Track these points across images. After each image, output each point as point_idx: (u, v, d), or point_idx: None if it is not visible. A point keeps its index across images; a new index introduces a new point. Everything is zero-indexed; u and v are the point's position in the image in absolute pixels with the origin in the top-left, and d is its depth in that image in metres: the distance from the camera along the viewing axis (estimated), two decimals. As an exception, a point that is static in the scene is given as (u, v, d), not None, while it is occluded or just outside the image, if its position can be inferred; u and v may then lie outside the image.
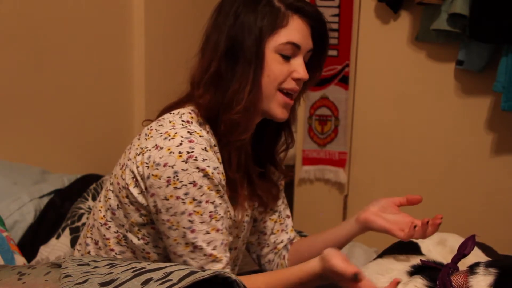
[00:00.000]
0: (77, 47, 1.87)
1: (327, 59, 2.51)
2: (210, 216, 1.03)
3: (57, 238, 1.43)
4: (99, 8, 1.97)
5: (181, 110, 1.10)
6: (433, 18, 2.23)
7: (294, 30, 1.10)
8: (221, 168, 1.05)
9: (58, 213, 1.52)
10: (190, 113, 1.09)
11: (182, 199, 1.00)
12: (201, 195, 1.01)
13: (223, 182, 1.07)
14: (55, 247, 1.41)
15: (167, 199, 1.00)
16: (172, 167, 0.99)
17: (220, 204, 1.05)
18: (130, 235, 1.11)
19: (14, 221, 1.42)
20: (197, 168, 1.00)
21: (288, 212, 1.36)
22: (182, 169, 0.99)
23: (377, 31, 2.48)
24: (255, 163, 1.23)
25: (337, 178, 2.65)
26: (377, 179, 2.58)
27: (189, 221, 1.01)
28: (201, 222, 1.02)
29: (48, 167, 1.70)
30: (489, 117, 2.33)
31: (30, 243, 1.43)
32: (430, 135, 2.45)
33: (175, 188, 1.00)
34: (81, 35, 1.89)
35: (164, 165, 1.00)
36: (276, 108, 1.13)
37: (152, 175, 1.01)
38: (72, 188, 1.61)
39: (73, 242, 1.42)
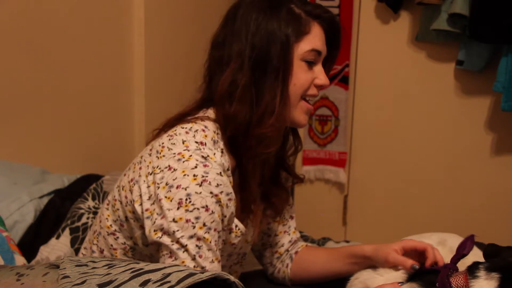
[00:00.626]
0: (77, 47, 1.87)
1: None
2: (215, 245, 1.00)
3: (57, 238, 1.43)
4: (99, 8, 1.97)
5: (194, 127, 1.05)
6: (433, 18, 2.22)
7: (316, 37, 1.10)
8: (233, 195, 1.03)
9: (58, 213, 1.51)
10: (203, 130, 1.04)
11: (192, 223, 0.96)
12: (212, 222, 0.98)
13: (233, 209, 1.04)
14: (55, 247, 1.41)
15: (176, 222, 0.96)
16: (185, 189, 0.96)
17: (221, 234, 1.03)
18: (137, 248, 1.10)
19: (14, 221, 1.42)
20: (211, 193, 0.97)
21: (292, 213, 1.35)
22: (196, 192, 0.96)
23: (377, 31, 2.48)
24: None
25: (337, 178, 2.65)
26: (377, 179, 2.58)
27: (197, 246, 0.97)
28: (208, 250, 0.98)
29: (48, 167, 1.70)
30: (489, 117, 2.32)
31: (30, 243, 1.43)
32: (430, 135, 2.45)
33: (187, 210, 0.96)
34: (81, 35, 1.89)
35: (177, 187, 0.96)
36: (300, 115, 1.13)
37: (165, 197, 0.97)
38: (72, 188, 1.61)
39: (73, 242, 1.42)
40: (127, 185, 1.08)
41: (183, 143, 1.01)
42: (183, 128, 1.05)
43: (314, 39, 1.10)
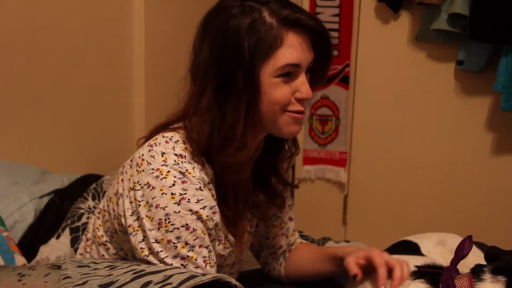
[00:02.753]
0: (77, 47, 1.87)
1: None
2: (204, 261, 0.97)
3: (57, 238, 1.43)
4: (99, 8, 1.97)
5: (175, 136, 1.01)
6: (433, 18, 2.23)
7: (291, 49, 0.97)
8: (216, 208, 1.00)
9: (58, 213, 1.51)
10: (184, 142, 1.01)
11: (174, 243, 0.94)
12: (194, 239, 0.95)
13: (219, 221, 1.01)
14: (55, 247, 1.41)
15: (158, 242, 0.94)
16: (164, 209, 0.93)
17: (211, 249, 1.00)
18: (129, 259, 1.09)
19: (14, 221, 1.42)
20: (190, 210, 0.94)
21: (291, 214, 1.32)
22: (174, 212, 0.93)
23: (377, 31, 2.48)
24: (257, 176, 1.16)
25: (338, 177, 2.65)
26: (377, 179, 2.58)
27: (182, 265, 0.96)
28: (196, 268, 0.96)
29: (48, 167, 1.70)
30: (489, 117, 2.33)
31: (30, 243, 1.43)
32: (430, 135, 2.45)
33: (167, 231, 0.93)
34: (81, 35, 1.89)
35: (156, 207, 0.93)
36: (286, 128, 1.03)
37: (146, 216, 0.95)
38: (72, 188, 1.60)
39: (73, 242, 1.42)
40: (113, 197, 1.06)
41: (162, 155, 0.97)
42: (164, 137, 1.01)
43: (287, 52, 0.97)
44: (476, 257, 1.11)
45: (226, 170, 1.02)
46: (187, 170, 0.96)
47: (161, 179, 0.94)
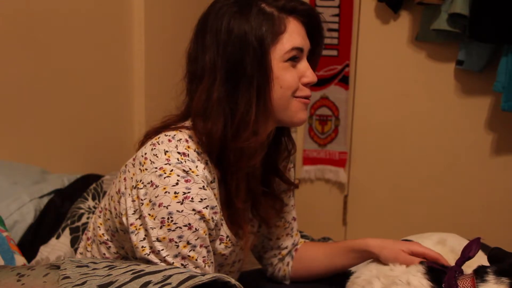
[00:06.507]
0: (77, 47, 1.87)
1: (327, 59, 2.49)
2: (203, 261, 0.98)
3: (57, 238, 1.43)
4: (99, 8, 1.97)
5: (178, 135, 1.02)
6: (433, 18, 2.23)
7: (294, 34, 1.03)
8: (218, 208, 1.00)
9: (58, 213, 1.51)
10: (187, 140, 1.02)
11: (176, 242, 0.95)
12: (196, 239, 0.96)
13: (218, 221, 1.02)
14: (55, 247, 1.41)
15: (160, 241, 0.95)
16: (167, 208, 0.94)
17: (210, 249, 1.01)
18: (129, 258, 1.10)
19: (14, 221, 1.42)
20: (193, 210, 0.94)
21: (294, 214, 1.32)
22: (177, 211, 0.93)
23: (377, 31, 2.48)
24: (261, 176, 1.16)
25: (338, 177, 2.65)
26: (377, 179, 2.58)
27: (183, 265, 0.96)
28: (195, 267, 0.97)
29: (48, 167, 1.70)
30: (489, 117, 2.33)
31: (30, 243, 1.43)
32: (430, 135, 2.45)
33: (169, 230, 0.94)
34: (81, 35, 1.89)
35: (159, 205, 0.94)
36: (296, 114, 1.07)
37: (149, 214, 0.95)
38: (72, 188, 1.60)
39: (73, 242, 1.42)
40: (115, 196, 1.07)
41: (165, 153, 0.98)
42: (166, 136, 1.02)
43: (291, 37, 1.02)
44: (477, 257, 1.11)
45: (241, 157, 1.02)
46: (190, 169, 0.97)
47: (164, 177, 0.95)
